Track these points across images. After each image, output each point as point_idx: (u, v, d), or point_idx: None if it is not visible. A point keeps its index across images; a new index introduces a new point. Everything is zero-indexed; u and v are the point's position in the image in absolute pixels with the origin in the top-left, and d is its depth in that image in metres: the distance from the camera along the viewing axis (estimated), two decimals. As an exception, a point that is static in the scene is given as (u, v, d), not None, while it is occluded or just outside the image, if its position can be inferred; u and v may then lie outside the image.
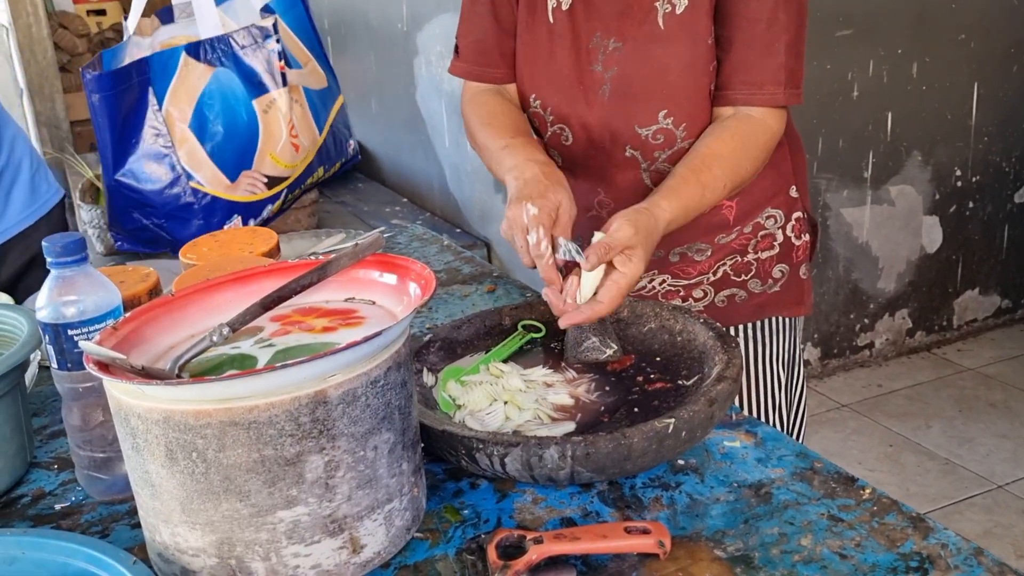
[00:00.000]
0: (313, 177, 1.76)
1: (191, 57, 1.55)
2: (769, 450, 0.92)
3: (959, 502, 2.34)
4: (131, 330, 0.80)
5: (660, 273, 1.29)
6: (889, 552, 0.76)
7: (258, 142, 1.62)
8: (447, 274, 1.51)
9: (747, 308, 1.29)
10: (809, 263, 1.33)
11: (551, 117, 1.24)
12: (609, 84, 1.18)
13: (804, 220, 1.31)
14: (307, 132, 1.70)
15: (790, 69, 1.14)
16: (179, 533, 0.72)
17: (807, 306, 1.33)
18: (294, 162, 1.68)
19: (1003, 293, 3.30)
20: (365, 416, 0.72)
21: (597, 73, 1.18)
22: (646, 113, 1.17)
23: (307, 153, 1.70)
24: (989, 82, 3.00)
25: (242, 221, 1.63)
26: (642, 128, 1.18)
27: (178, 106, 1.55)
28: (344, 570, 0.74)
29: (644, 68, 1.16)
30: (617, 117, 1.19)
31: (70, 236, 0.85)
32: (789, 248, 1.29)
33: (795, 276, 1.30)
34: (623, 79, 1.17)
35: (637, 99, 1.17)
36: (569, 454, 0.81)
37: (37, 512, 0.91)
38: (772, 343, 1.31)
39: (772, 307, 1.30)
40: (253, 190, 1.63)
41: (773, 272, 1.29)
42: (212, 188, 1.59)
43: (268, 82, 1.62)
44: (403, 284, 0.84)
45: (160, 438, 0.69)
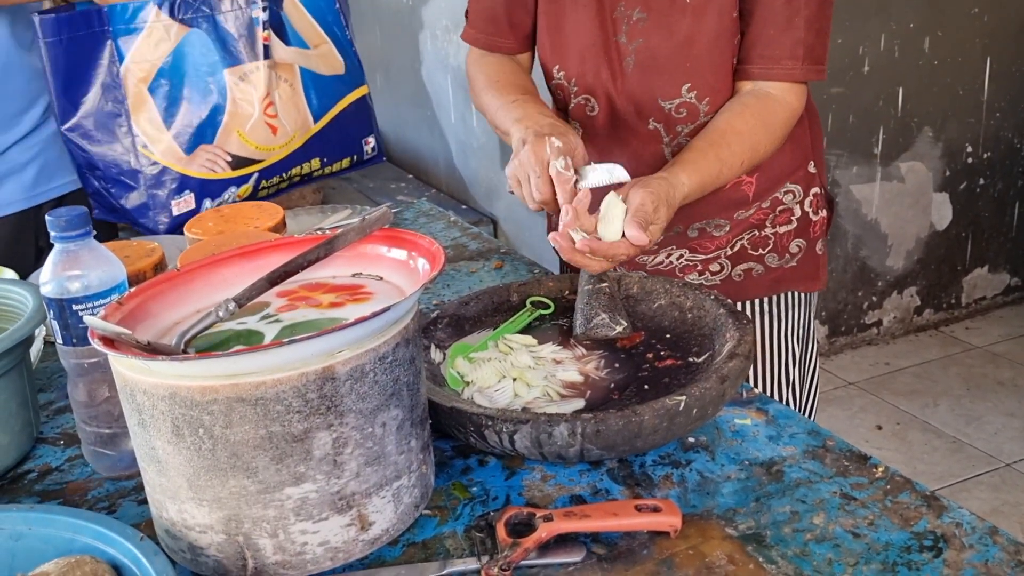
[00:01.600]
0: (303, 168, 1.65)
1: (163, 12, 1.45)
2: (780, 428, 0.91)
3: (966, 480, 2.34)
4: (136, 305, 0.79)
5: (678, 248, 1.27)
6: (903, 531, 0.75)
7: (224, 116, 1.51)
8: (454, 250, 1.49)
9: (764, 282, 1.28)
10: (824, 239, 1.32)
11: (575, 88, 1.22)
12: (633, 56, 1.16)
13: (821, 196, 1.30)
14: (294, 115, 1.60)
15: (809, 44, 1.12)
16: (186, 510, 0.71)
17: (822, 281, 1.32)
18: (270, 145, 1.56)
19: (1012, 271, 3.27)
20: (373, 392, 0.71)
21: (622, 44, 1.17)
22: (670, 86, 1.16)
23: (289, 138, 1.59)
24: (1001, 57, 2.96)
25: (195, 199, 1.52)
26: (665, 101, 1.17)
27: (140, 64, 1.44)
28: (352, 547, 0.73)
29: (669, 40, 1.14)
30: (641, 89, 1.18)
31: (74, 210, 0.84)
32: (807, 223, 1.28)
33: (812, 251, 1.30)
34: (648, 51, 1.16)
35: (661, 72, 1.16)
36: (579, 431, 0.80)
37: (44, 488, 0.91)
38: (787, 318, 1.31)
39: (788, 282, 1.29)
40: (212, 167, 1.52)
41: (790, 247, 1.28)
42: (163, 157, 1.47)
43: (245, 52, 1.52)
44: (411, 259, 0.83)
45: (166, 414, 0.68)
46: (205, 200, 1.54)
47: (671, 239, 1.26)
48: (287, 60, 1.59)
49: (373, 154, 1.78)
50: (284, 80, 1.59)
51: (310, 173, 1.69)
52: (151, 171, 1.47)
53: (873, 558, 0.73)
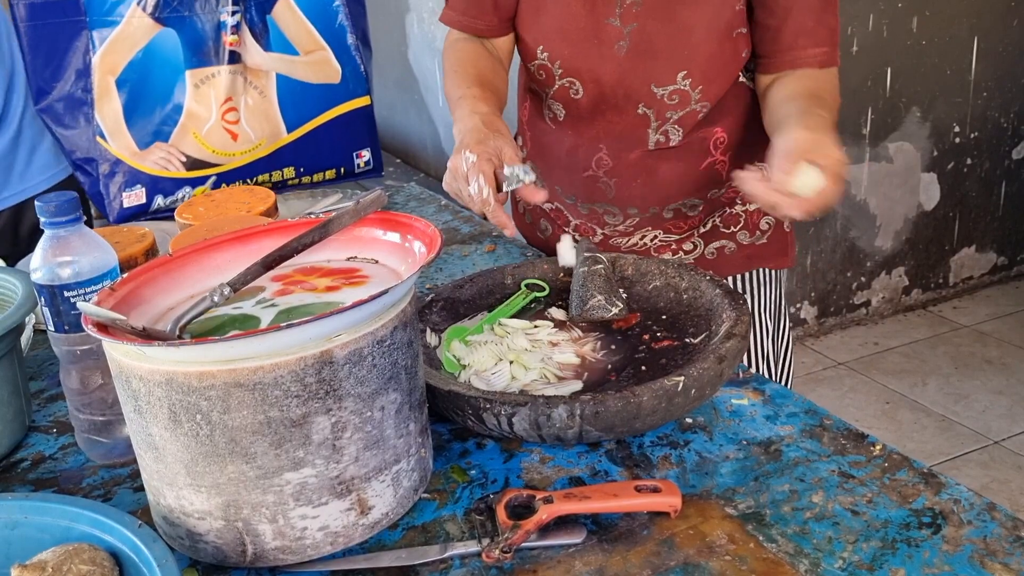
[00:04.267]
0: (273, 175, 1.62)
1: (140, 8, 1.46)
2: (777, 407, 0.91)
3: (956, 458, 2.35)
4: (129, 291, 0.78)
5: (653, 229, 1.28)
6: (901, 508, 0.76)
7: (181, 116, 1.52)
8: (446, 233, 1.49)
9: (736, 259, 1.30)
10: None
11: (560, 70, 1.20)
12: (627, 40, 1.14)
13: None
14: (260, 124, 1.58)
15: (835, 29, 1.15)
16: (184, 496, 0.71)
17: (791, 258, 1.34)
18: (228, 150, 1.56)
19: (999, 250, 3.29)
20: (372, 376, 0.71)
21: (614, 27, 1.15)
22: (664, 72, 1.15)
23: (252, 145, 1.58)
24: (989, 36, 2.96)
25: (146, 194, 1.53)
26: (659, 87, 1.16)
27: (112, 56, 1.46)
28: (352, 532, 0.73)
29: (667, 26, 1.13)
30: (633, 74, 1.16)
31: (64, 195, 0.83)
32: None
33: (780, 228, 1.31)
34: (643, 35, 1.14)
35: (656, 57, 1.14)
36: (578, 413, 0.80)
37: (37, 476, 0.90)
38: (760, 294, 1.33)
39: (759, 259, 1.31)
40: (166, 165, 1.53)
41: (760, 224, 1.29)
42: (117, 150, 1.49)
43: (210, 55, 1.51)
44: (407, 242, 0.83)
45: (163, 400, 0.67)
46: (156, 196, 1.54)
47: (646, 220, 1.26)
48: (261, 66, 1.57)
49: (366, 168, 1.73)
50: (253, 87, 1.57)
51: (283, 181, 1.66)
52: (106, 161, 1.50)
53: (873, 535, 0.73)
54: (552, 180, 1.31)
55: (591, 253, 1.06)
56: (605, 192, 1.25)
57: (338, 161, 1.69)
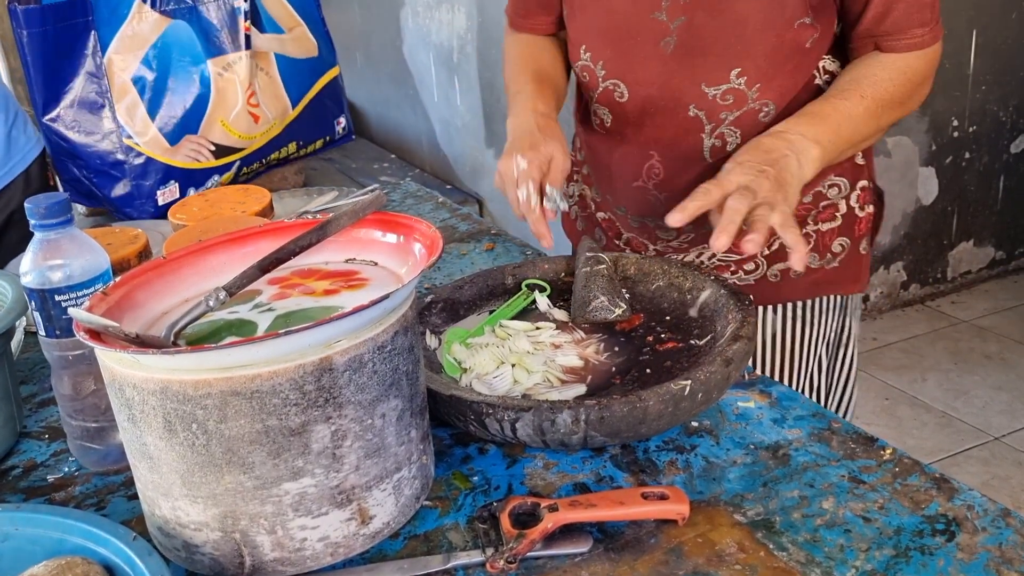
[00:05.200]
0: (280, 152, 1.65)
1: (145, 4, 1.44)
2: (785, 410, 0.89)
3: (956, 454, 2.34)
4: (122, 295, 0.76)
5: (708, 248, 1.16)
6: (914, 515, 0.74)
7: (208, 106, 1.51)
8: (444, 231, 1.47)
9: (802, 284, 1.18)
10: (872, 237, 1.23)
11: (603, 71, 1.12)
12: (675, 36, 1.05)
13: (870, 190, 1.20)
14: (273, 103, 1.60)
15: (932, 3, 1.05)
16: (180, 507, 0.69)
17: (863, 283, 1.22)
18: (251, 133, 1.57)
19: (997, 244, 3.28)
20: (372, 383, 0.69)
21: (660, 22, 1.06)
22: (716, 71, 1.05)
23: (270, 125, 1.60)
24: (988, 29, 2.95)
25: (179, 189, 1.52)
26: (710, 87, 1.06)
27: (123, 55, 1.44)
28: (353, 542, 0.71)
29: (718, 19, 1.03)
30: (681, 73, 1.07)
31: (54, 197, 0.80)
32: (852, 220, 1.18)
33: (855, 251, 1.20)
34: (692, 31, 1.04)
35: (707, 54, 1.05)
36: (583, 418, 0.78)
37: (29, 484, 0.88)
38: (820, 322, 1.21)
39: (828, 284, 1.19)
40: (197, 157, 1.52)
41: (833, 246, 1.18)
42: (148, 148, 1.47)
43: (227, 43, 1.52)
44: (406, 244, 0.81)
45: (157, 409, 0.66)
46: (189, 189, 1.55)
47: (702, 237, 1.16)
48: (263, 48, 1.59)
49: (344, 133, 1.79)
50: (262, 69, 1.59)
51: (287, 156, 1.70)
52: (136, 162, 1.48)
53: (885, 543, 0.71)
54: (603, 189, 1.24)
55: (593, 253, 1.04)
56: (656, 206, 1.15)
57: (325, 130, 1.74)
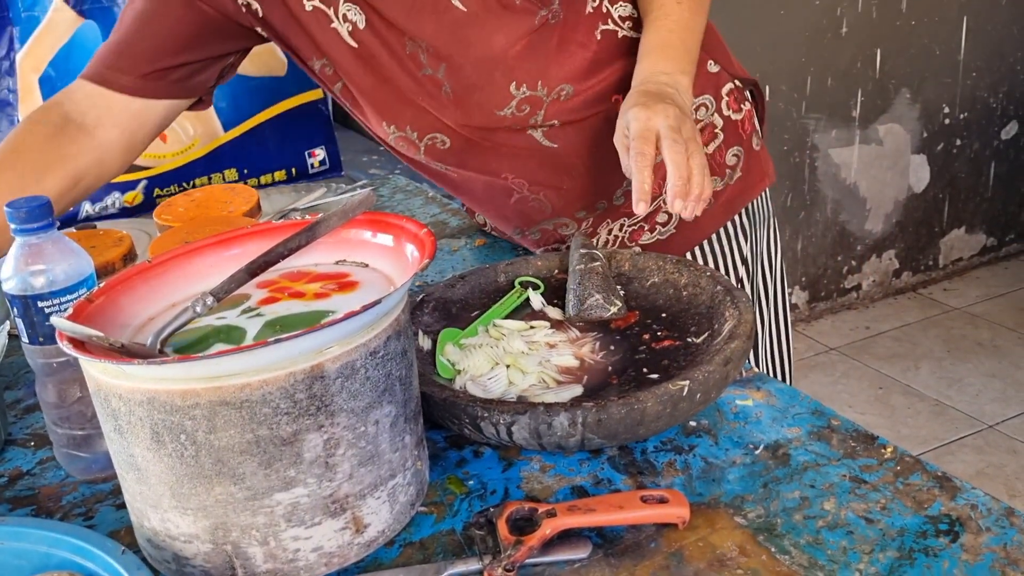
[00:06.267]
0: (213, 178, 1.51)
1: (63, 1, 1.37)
2: (783, 408, 0.88)
3: (950, 443, 2.35)
4: (106, 301, 0.74)
5: (613, 220, 1.18)
6: (917, 515, 0.73)
7: None
8: (434, 227, 1.45)
9: (717, 211, 1.18)
10: (757, 131, 1.21)
11: (415, 133, 1.11)
12: (447, 82, 1.06)
13: (738, 89, 1.18)
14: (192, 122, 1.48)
15: None
16: (169, 519, 0.67)
17: (771, 175, 1.22)
18: (158, 152, 1.45)
19: (988, 231, 3.28)
20: (365, 389, 0.67)
21: (430, 75, 1.06)
22: (496, 95, 1.06)
23: (186, 147, 1.48)
24: (978, 16, 2.94)
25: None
26: (502, 110, 1.07)
27: (36, 53, 1.37)
28: (348, 551, 0.70)
29: (466, 52, 1.03)
30: (473, 110, 1.07)
31: (35, 200, 0.78)
32: (733, 127, 1.17)
33: (751, 152, 1.19)
34: (455, 72, 1.05)
35: (480, 87, 1.05)
36: (580, 421, 0.76)
37: (15, 494, 0.86)
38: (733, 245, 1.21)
39: (741, 197, 1.19)
40: None
41: (727, 160, 1.17)
42: None
43: None
44: (398, 245, 0.79)
45: (145, 420, 0.64)
46: (84, 203, 1.43)
47: (602, 215, 1.17)
48: None
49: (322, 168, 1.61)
50: None
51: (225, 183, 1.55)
52: None
53: (889, 544, 0.70)
54: (498, 224, 1.24)
55: (587, 250, 1.02)
56: (542, 209, 1.17)
57: (288, 161, 1.58)
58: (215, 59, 1.10)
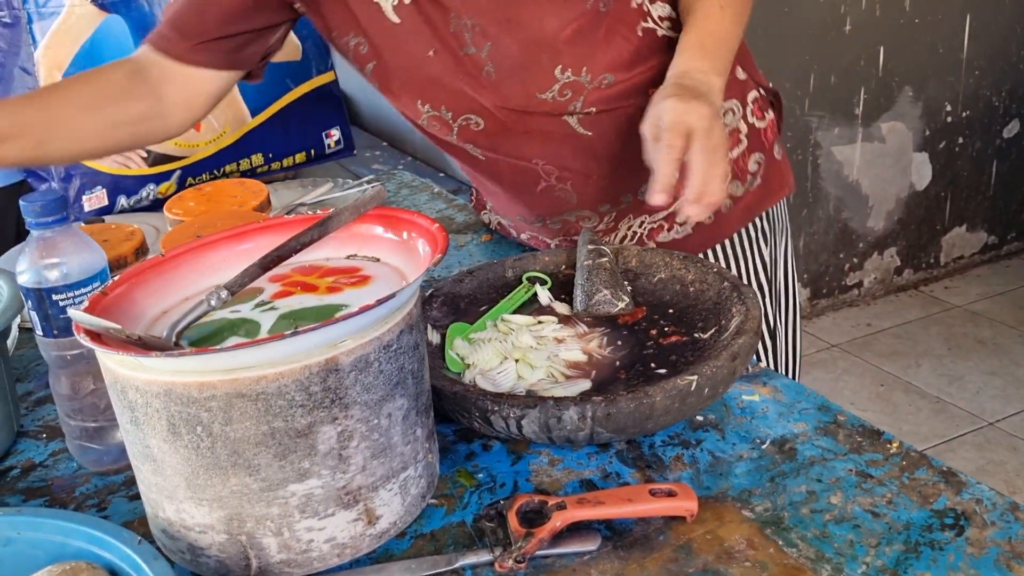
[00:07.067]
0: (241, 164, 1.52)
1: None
2: (790, 403, 0.89)
3: (951, 440, 2.35)
4: (121, 294, 0.75)
5: (635, 216, 1.19)
6: (923, 509, 0.74)
7: None
8: (441, 222, 1.45)
9: (735, 215, 1.19)
10: (779, 138, 1.23)
11: (449, 114, 1.11)
12: (490, 62, 1.06)
13: (762, 97, 1.20)
14: (223, 110, 1.49)
15: None
16: (185, 509, 0.68)
17: (789, 184, 1.24)
18: (192, 142, 1.46)
19: (989, 229, 3.29)
20: (378, 382, 0.68)
21: (472, 56, 1.06)
22: (540, 78, 1.06)
23: (217, 134, 1.49)
24: (981, 14, 2.94)
25: (107, 196, 1.43)
26: (543, 93, 1.07)
27: (56, 51, 1.36)
28: (360, 542, 0.71)
29: (514, 33, 1.04)
30: (514, 92, 1.07)
31: (50, 194, 0.79)
32: (756, 134, 1.19)
33: (771, 160, 1.21)
34: (500, 51, 1.05)
35: (525, 68, 1.05)
36: (589, 415, 0.77)
37: (28, 485, 0.87)
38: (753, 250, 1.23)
39: (759, 203, 1.21)
40: (126, 163, 1.43)
41: (749, 166, 1.18)
42: None
43: None
44: (409, 240, 0.80)
45: (161, 412, 0.65)
46: (120, 197, 1.45)
47: (625, 211, 1.18)
48: None
49: (337, 148, 1.64)
50: None
51: (252, 169, 1.57)
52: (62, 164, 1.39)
53: (895, 538, 0.71)
54: (513, 212, 1.25)
55: (595, 246, 1.03)
56: (567, 199, 1.17)
57: (308, 143, 1.61)
58: (260, 32, 1.14)
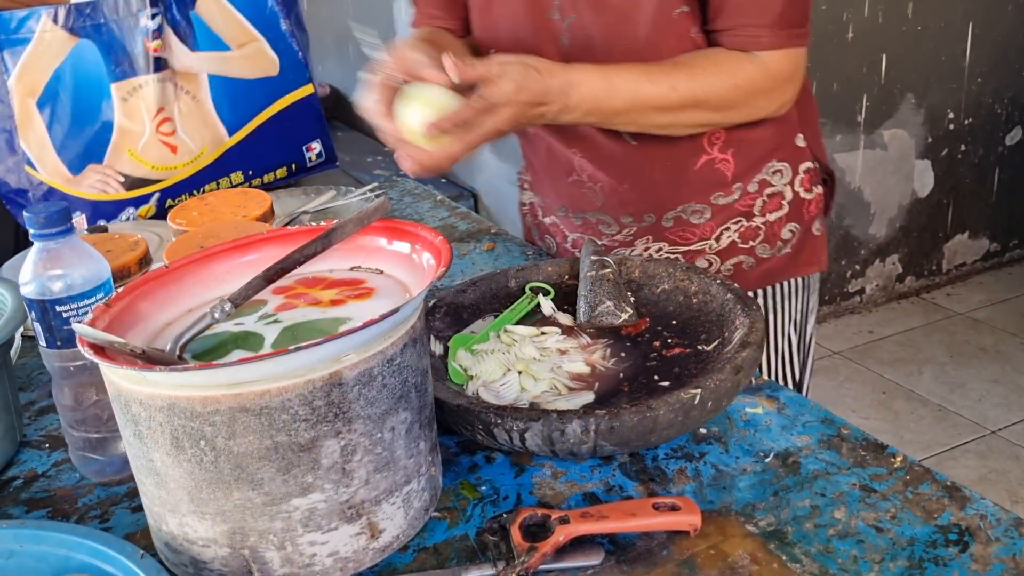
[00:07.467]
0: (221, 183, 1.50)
1: (52, 21, 1.34)
2: (793, 416, 0.89)
3: (953, 448, 2.35)
4: (124, 307, 0.75)
5: (655, 240, 1.19)
6: (927, 524, 0.74)
7: (112, 134, 1.40)
8: (443, 231, 1.45)
9: (755, 275, 1.20)
10: (824, 216, 1.25)
11: None
12: (568, 34, 1.08)
13: (816, 171, 1.22)
14: (199, 132, 1.48)
15: (780, 9, 1.03)
16: (188, 523, 0.68)
17: (822, 263, 1.23)
18: (169, 164, 1.45)
19: (992, 236, 3.29)
20: (382, 396, 0.68)
21: (555, 21, 1.09)
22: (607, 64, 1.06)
23: (194, 155, 1.47)
24: (984, 22, 2.95)
25: (87, 221, 1.41)
26: None
27: (29, 78, 1.35)
28: (363, 556, 0.71)
29: (601, 15, 1.06)
30: None
31: (54, 205, 0.79)
32: (800, 205, 1.20)
33: (808, 234, 1.21)
34: (581, 28, 1.08)
35: (596, 50, 1.08)
36: (592, 428, 0.77)
37: (31, 495, 0.87)
38: (783, 307, 1.23)
39: (782, 271, 1.20)
40: (103, 188, 1.42)
41: (782, 233, 1.19)
42: (49, 178, 1.38)
43: (133, 65, 1.40)
44: (413, 252, 0.80)
45: (165, 426, 0.65)
46: (98, 222, 1.43)
47: (645, 229, 1.18)
48: (191, 69, 1.46)
49: (319, 161, 1.62)
50: (185, 92, 1.46)
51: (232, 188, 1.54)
52: (38, 191, 1.39)
53: (899, 554, 0.71)
54: (543, 192, 1.26)
55: (598, 256, 1.03)
56: (593, 199, 1.19)
57: (288, 157, 1.59)
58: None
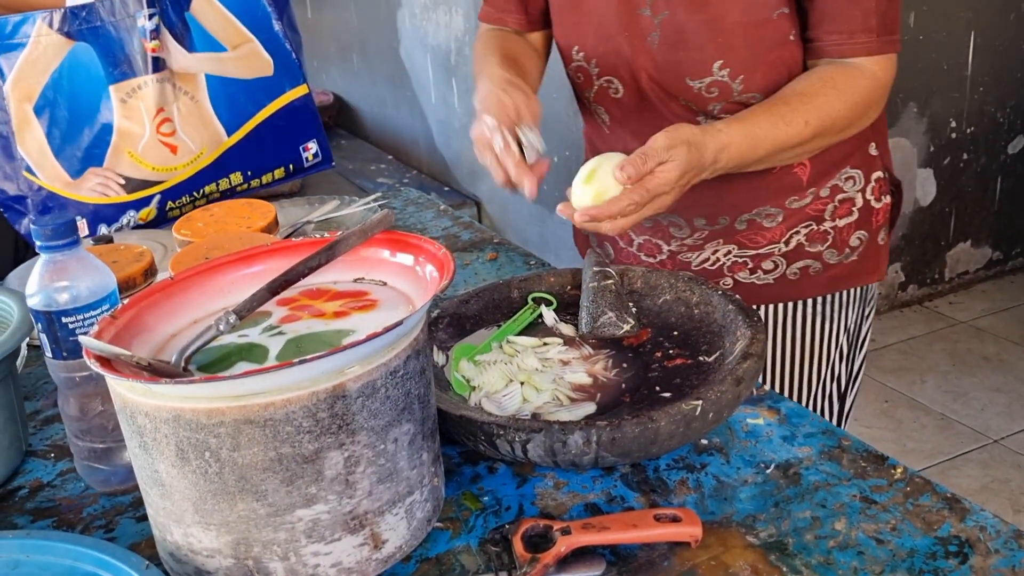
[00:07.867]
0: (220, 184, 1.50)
1: (47, 25, 1.34)
2: (794, 427, 0.89)
3: (955, 457, 2.35)
4: (130, 318, 0.76)
5: (725, 243, 1.19)
6: (927, 536, 0.74)
7: (112, 136, 1.39)
8: (446, 241, 1.46)
9: (821, 280, 1.20)
10: (888, 227, 1.24)
11: (596, 70, 1.15)
12: (659, 31, 1.08)
13: (885, 180, 1.21)
14: (199, 132, 1.47)
15: (881, 13, 1.04)
16: (192, 533, 0.69)
17: (881, 272, 1.23)
18: (169, 165, 1.44)
19: (994, 245, 3.29)
20: (385, 408, 0.69)
21: (646, 18, 1.08)
22: (699, 64, 1.08)
23: (194, 156, 1.47)
24: (986, 31, 2.95)
25: (88, 225, 1.41)
26: (694, 80, 1.09)
27: (25, 82, 1.34)
28: (366, 567, 0.71)
29: (697, 13, 1.05)
30: (667, 68, 1.10)
31: (60, 217, 0.80)
32: (868, 213, 1.19)
33: (873, 242, 1.21)
34: (674, 25, 1.07)
35: (689, 48, 1.07)
36: (594, 439, 0.78)
37: (36, 505, 0.87)
38: (841, 315, 1.23)
39: (847, 278, 1.21)
40: (104, 191, 1.41)
41: (851, 240, 1.19)
42: (48, 182, 1.36)
43: (132, 66, 1.39)
44: (416, 264, 0.80)
45: (170, 437, 0.65)
46: (99, 225, 1.43)
47: (717, 232, 1.18)
48: (189, 70, 1.46)
49: (316, 161, 1.62)
50: (184, 93, 1.46)
51: (231, 188, 1.55)
52: (37, 197, 1.37)
53: (899, 566, 0.71)
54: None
55: (600, 267, 1.04)
56: None
57: (285, 158, 1.59)
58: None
